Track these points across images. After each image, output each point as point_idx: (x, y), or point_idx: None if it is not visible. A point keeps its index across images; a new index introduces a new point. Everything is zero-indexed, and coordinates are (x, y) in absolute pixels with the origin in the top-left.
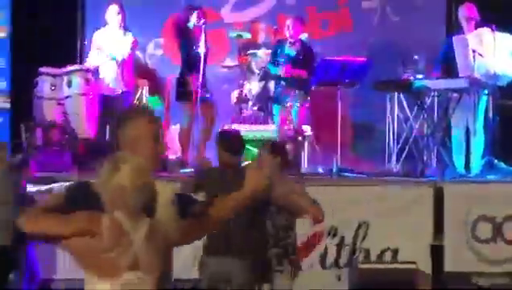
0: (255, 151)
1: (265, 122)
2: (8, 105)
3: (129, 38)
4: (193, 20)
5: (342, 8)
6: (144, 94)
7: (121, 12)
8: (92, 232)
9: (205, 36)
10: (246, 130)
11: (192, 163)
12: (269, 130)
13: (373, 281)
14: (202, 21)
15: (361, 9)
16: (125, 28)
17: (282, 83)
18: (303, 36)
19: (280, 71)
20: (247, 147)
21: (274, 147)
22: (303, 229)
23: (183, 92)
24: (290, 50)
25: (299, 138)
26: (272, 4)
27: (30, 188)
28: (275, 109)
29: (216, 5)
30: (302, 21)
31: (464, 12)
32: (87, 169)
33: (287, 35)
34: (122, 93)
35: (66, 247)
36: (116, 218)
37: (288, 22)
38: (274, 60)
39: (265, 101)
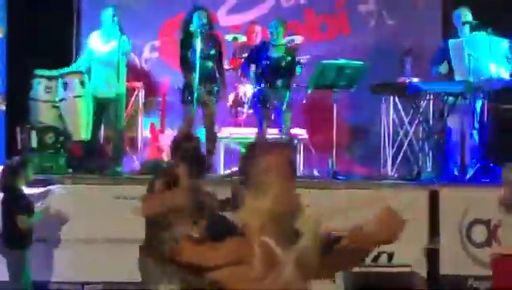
0: None
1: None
2: (3, 107)
3: (124, 40)
4: (195, 21)
5: (340, 11)
6: (140, 97)
7: (116, 15)
8: (244, 260)
9: (206, 38)
10: (243, 134)
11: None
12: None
13: (368, 284)
14: (202, 22)
15: (358, 12)
16: (121, 31)
17: (268, 84)
18: (290, 39)
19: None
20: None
21: None
22: None
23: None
24: (273, 52)
25: (295, 141)
26: (269, 7)
27: (26, 190)
28: (259, 111)
29: (213, 7)
30: (285, 25)
31: (459, 16)
32: (82, 171)
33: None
34: (117, 95)
35: (215, 278)
36: (268, 245)
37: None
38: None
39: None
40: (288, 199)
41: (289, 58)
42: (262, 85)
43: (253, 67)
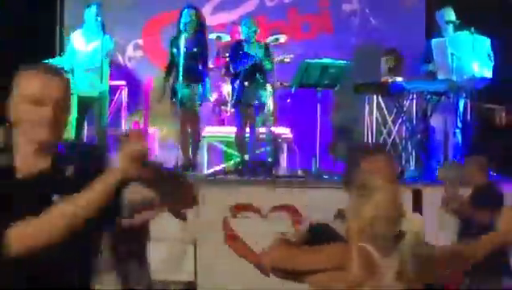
0: (235, 153)
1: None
2: None
3: (107, 39)
4: (182, 19)
5: (323, 10)
6: (123, 96)
7: (99, 13)
8: (343, 265)
9: (191, 36)
10: (226, 132)
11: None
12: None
13: None
14: (188, 20)
15: (341, 11)
16: (104, 29)
17: (245, 83)
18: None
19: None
20: (228, 150)
21: None
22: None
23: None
24: (248, 50)
25: (279, 139)
26: (253, 6)
27: None
28: (239, 109)
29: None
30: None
31: (442, 15)
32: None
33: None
34: (100, 94)
35: (310, 283)
36: (366, 250)
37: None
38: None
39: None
40: (392, 203)
41: (264, 55)
42: (244, 84)
43: (231, 65)
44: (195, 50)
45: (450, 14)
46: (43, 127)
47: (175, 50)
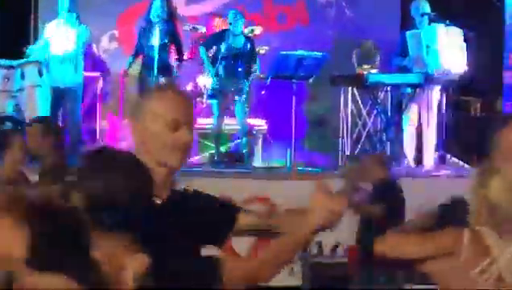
0: (212, 145)
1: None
2: None
3: (82, 30)
4: (153, 9)
5: (298, 1)
6: (98, 87)
7: (74, 4)
8: (454, 250)
9: (163, 27)
10: (202, 124)
11: None
12: (226, 124)
13: (326, 275)
14: (159, 10)
15: (317, 2)
16: (79, 20)
17: (221, 74)
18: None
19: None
20: (204, 142)
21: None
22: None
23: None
24: (233, 42)
25: (253, 131)
26: None
27: None
28: (215, 102)
29: None
30: (242, 14)
31: (417, 8)
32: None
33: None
34: (75, 85)
35: (430, 272)
36: (479, 233)
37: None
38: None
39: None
40: None
41: (249, 47)
42: (220, 74)
43: (210, 53)
44: (166, 41)
45: (424, 6)
46: (178, 151)
47: (144, 41)
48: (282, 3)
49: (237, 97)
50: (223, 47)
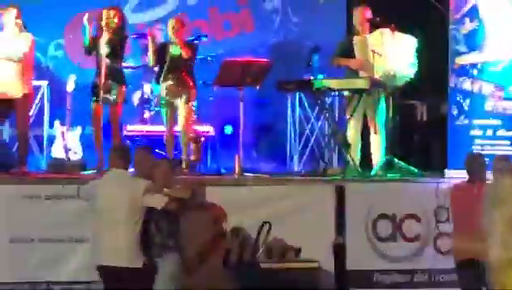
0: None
1: None
2: None
3: (27, 37)
4: (103, 19)
5: (243, 9)
6: (45, 96)
7: (19, 16)
8: None
9: (110, 35)
10: (149, 131)
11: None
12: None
13: (276, 280)
14: (109, 20)
15: (263, 9)
16: (25, 28)
17: (170, 82)
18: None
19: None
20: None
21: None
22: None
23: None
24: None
25: (201, 137)
26: (174, 5)
27: None
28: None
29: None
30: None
31: (358, 15)
32: None
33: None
34: (22, 94)
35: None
36: None
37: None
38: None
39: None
40: None
41: (193, 55)
42: (168, 83)
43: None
44: (117, 49)
45: (365, 13)
46: None
47: (95, 50)
48: (227, 11)
49: (184, 105)
50: (167, 57)
